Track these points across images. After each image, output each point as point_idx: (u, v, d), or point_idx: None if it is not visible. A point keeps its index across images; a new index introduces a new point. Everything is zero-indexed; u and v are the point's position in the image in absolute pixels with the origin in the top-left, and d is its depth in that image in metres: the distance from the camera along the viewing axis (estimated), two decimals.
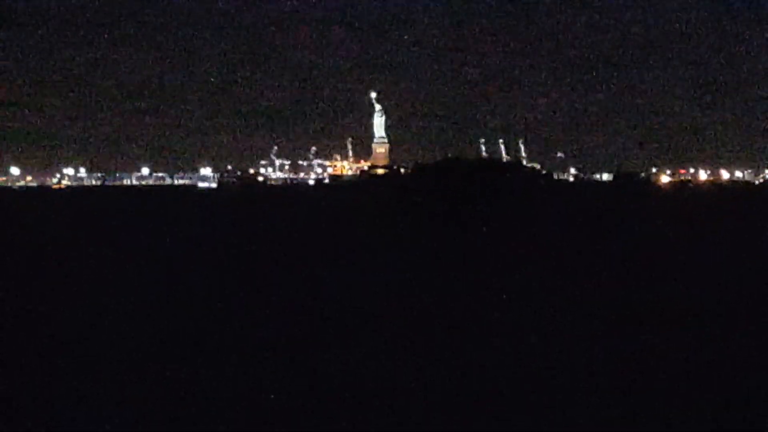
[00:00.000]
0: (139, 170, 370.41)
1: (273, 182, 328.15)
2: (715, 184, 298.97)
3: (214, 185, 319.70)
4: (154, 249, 35.73)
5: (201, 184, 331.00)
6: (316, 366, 13.27)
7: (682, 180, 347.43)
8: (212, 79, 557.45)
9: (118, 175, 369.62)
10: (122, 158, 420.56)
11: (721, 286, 22.43)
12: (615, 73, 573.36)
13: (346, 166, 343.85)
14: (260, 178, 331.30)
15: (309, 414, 10.89)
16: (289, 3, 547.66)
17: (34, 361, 13.71)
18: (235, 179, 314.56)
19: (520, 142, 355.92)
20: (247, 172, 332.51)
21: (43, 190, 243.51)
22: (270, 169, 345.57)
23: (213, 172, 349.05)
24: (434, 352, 14.19)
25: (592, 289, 21.73)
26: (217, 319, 17.48)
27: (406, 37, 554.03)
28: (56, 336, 15.81)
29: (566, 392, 11.80)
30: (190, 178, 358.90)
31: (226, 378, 12.63)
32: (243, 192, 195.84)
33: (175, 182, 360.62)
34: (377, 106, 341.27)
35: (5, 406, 11.24)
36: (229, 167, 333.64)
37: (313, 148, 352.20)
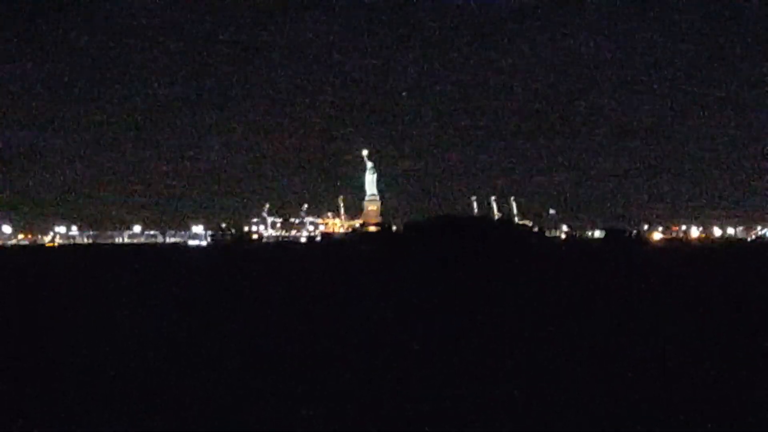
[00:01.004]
0: (130, 228, 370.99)
1: (265, 240, 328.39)
2: (707, 242, 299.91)
3: (203, 243, 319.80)
4: (147, 304, 35.75)
5: (191, 242, 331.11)
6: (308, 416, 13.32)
7: (674, 237, 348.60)
8: (203, 138, 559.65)
9: (109, 233, 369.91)
10: (114, 216, 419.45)
11: (713, 341, 22.55)
12: (606, 132, 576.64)
13: (337, 224, 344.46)
14: (255, 236, 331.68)
15: None
16: (280, 58, 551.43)
17: (33, 408, 13.75)
18: (229, 236, 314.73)
19: (512, 199, 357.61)
20: (241, 229, 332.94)
21: (36, 248, 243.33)
22: (262, 227, 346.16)
23: (205, 229, 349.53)
24: (424, 408, 14.22)
25: (585, 345, 21.81)
26: (202, 373, 17.48)
27: (398, 93, 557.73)
28: (50, 386, 15.85)
29: None
30: (182, 236, 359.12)
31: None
32: (232, 249, 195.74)
33: (167, 240, 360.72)
34: (369, 164, 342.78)
35: None
36: (224, 225, 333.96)
37: (305, 206, 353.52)
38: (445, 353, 20.21)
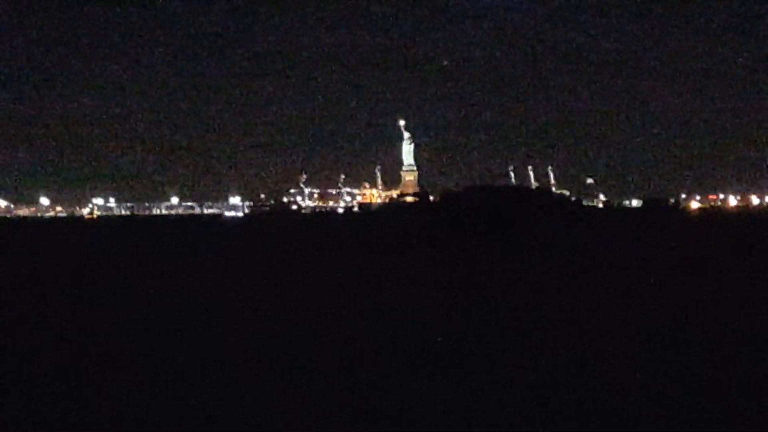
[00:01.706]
0: (168, 199, 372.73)
1: (303, 210, 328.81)
2: (746, 210, 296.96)
3: (240, 214, 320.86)
4: (186, 274, 36.08)
5: (228, 213, 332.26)
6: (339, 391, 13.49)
7: (712, 206, 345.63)
8: (241, 109, 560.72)
9: (147, 204, 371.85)
10: (151, 187, 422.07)
11: (753, 313, 22.47)
12: (643, 99, 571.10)
13: (374, 194, 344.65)
14: (294, 207, 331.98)
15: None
16: (317, 36, 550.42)
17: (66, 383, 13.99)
18: (269, 207, 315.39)
19: (549, 168, 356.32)
20: (280, 200, 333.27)
21: (75, 221, 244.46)
22: (299, 198, 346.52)
23: (242, 200, 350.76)
24: (454, 385, 14.32)
25: (623, 316, 21.82)
26: (236, 345, 17.71)
27: (434, 65, 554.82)
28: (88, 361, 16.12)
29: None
30: (219, 208, 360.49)
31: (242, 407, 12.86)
32: (270, 221, 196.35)
33: (205, 211, 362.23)
34: (406, 134, 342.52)
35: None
36: (262, 195, 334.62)
37: (342, 176, 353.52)
38: (482, 327, 20.31)
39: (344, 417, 11.97)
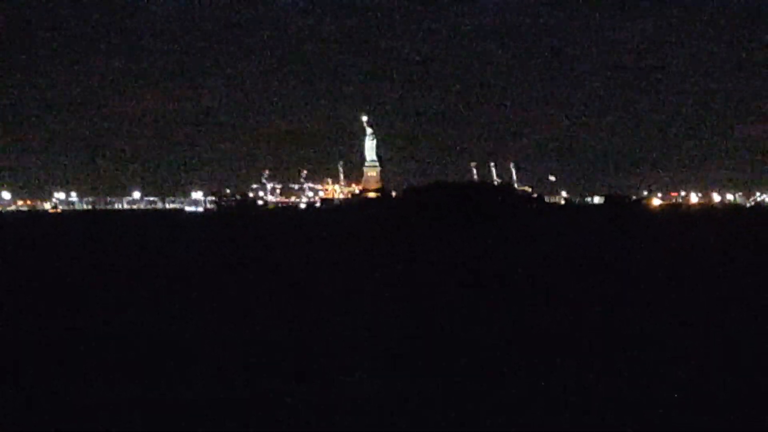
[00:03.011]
0: (130, 194, 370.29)
1: (268, 206, 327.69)
2: (707, 207, 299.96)
3: (200, 209, 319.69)
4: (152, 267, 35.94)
5: (188, 208, 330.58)
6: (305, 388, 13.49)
7: (673, 203, 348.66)
8: (203, 103, 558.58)
9: (109, 199, 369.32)
10: (113, 182, 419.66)
11: (712, 307, 22.69)
12: (607, 96, 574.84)
13: (337, 190, 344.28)
14: (260, 202, 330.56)
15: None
16: (279, 29, 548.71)
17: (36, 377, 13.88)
18: (233, 203, 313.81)
19: (512, 165, 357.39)
20: (245, 195, 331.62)
21: (39, 215, 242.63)
22: (261, 193, 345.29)
23: (204, 195, 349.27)
24: (424, 380, 14.33)
25: (583, 311, 21.95)
26: (201, 338, 17.65)
27: (397, 59, 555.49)
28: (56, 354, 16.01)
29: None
30: (181, 203, 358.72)
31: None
32: (236, 215, 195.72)
33: (167, 206, 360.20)
34: (368, 130, 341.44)
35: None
36: (228, 191, 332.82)
37: (305, 172, 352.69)
38: (443, 320, 20.34)
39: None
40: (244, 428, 11.13)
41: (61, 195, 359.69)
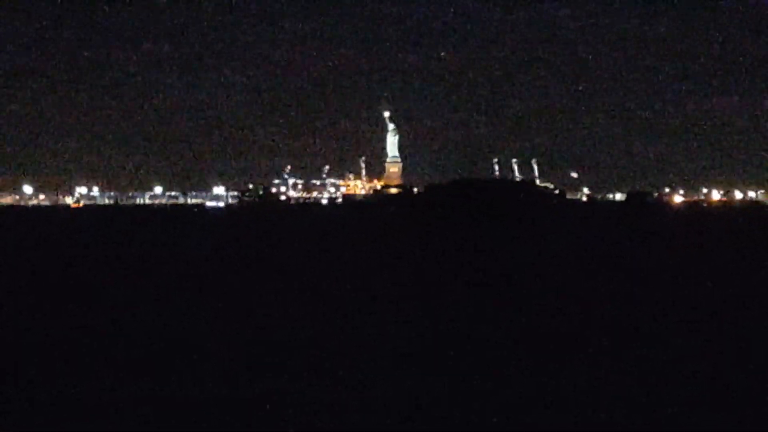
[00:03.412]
0: (152, 189, 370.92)
1: (291, 202, 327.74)
2: (729, 205, 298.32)
3: (221, 204, 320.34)
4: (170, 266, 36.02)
5: (209, 203, 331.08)
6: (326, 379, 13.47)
7: (695, 200, 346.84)
8: (225, 99, 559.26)
9: (131, 194, 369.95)
10: (136, 177, 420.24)
11: (733, 305, 22.54)
12: (628, 93, 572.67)
13: (359, 186, 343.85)
14: (282, 198, 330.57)
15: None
16: (300, 23, 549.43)
17: (54, 371, 13.91)
18: (255, 198, 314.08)
19: (533, 161, 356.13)
20: (267, 190, 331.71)
21: (60, 209, 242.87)
22: (283, 188, 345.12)
23: (226, 190, 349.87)
24: (441, 379, 14.28)
25: (594, 309, 21.84)
26: (217, 335, 17.67)
27: (420, 56, 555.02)
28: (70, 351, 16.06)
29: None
30: (203, 197, 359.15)
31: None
32: (253, 211, 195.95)
33: (189, 201, 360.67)
34: (391, 125, 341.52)
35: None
36: (251, 186, 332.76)
37: (326, 167, 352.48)
38: (453, 319, 20.29)
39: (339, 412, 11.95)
40: (251, 427, 11.12)
41: (83, 190, 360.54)
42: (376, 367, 14.56)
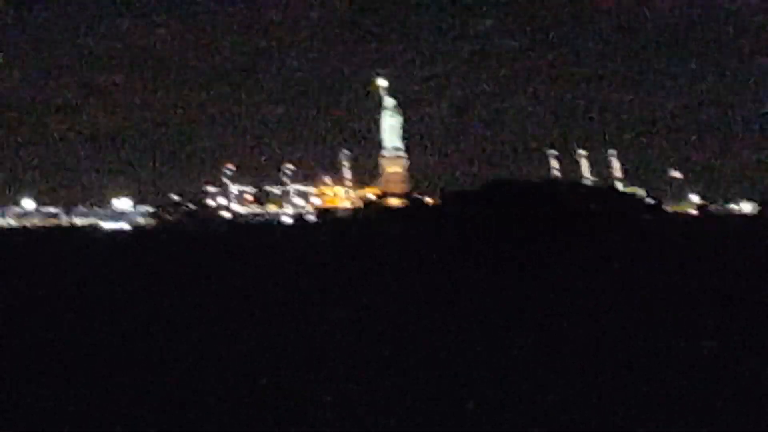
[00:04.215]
0: (17, 203, 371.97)
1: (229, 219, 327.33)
2: None
3: (125, 226, 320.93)
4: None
5: (106, 225, 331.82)
6: None
7: None
8: (131, 64, 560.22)
9: None
10: None
11: None
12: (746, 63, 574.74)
13: (341, 194, 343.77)
14: (226, 213, 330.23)
15: None
16: None
17: None
18: (181, 215, 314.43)
19: (612, 154, 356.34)
20: (202, 203, 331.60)
21: None
22: (222, 200, 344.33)
23: (135, 204, 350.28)
24: None
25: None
26: None
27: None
28: None
29: None
30: (97, 215, 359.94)
31: None
32: (173, 235, 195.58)
33: (74, 220, 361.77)
34: (387, 101, 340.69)
35: None
36: (175, 197, 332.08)
37: (289, 166, 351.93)
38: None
39: None
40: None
41: None
42: None
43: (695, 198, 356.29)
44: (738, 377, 24.12)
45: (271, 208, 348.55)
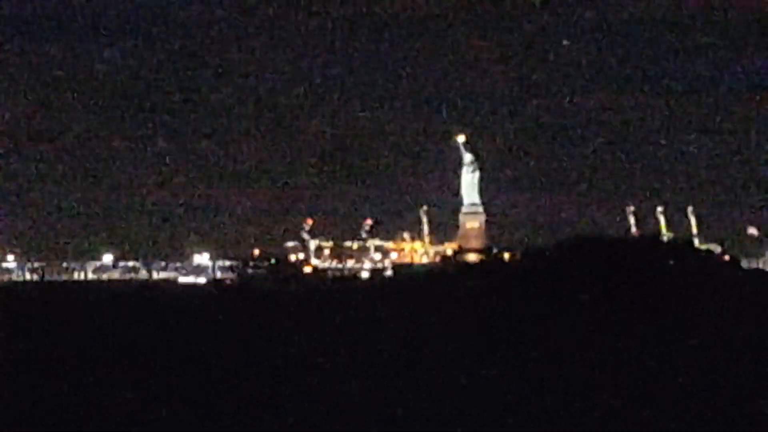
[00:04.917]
0: (98, 258, 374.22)
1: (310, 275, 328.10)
2: None
3: (201, 280, 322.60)
4: None
5: (183, 279, 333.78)
6: None
7: None
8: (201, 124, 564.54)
9: (65, 265, 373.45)
10: (72, 240, 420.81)
11: None
12: None
13: (419, 250, 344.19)
14: (306, 269, 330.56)
15: None
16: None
17: None
18: (265, 269, 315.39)
19: (689, 210, 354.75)
20: (284, 258, 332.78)
21: None
22: (301, 255, 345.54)
23: (212, 259, 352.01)
24: None
25: None
26: None
27: (506, 45, 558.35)
28: None
29: None
30: (178, 270, 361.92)
31: None
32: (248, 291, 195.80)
33: (154, 275, 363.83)
34: (467, 157, 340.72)
35: None
36: (256, 251, 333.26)
37: (368, 222, 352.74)
38: None
39: None
40: None
41: None
42: None
43: None
44: None
45: (349, 263, 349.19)
